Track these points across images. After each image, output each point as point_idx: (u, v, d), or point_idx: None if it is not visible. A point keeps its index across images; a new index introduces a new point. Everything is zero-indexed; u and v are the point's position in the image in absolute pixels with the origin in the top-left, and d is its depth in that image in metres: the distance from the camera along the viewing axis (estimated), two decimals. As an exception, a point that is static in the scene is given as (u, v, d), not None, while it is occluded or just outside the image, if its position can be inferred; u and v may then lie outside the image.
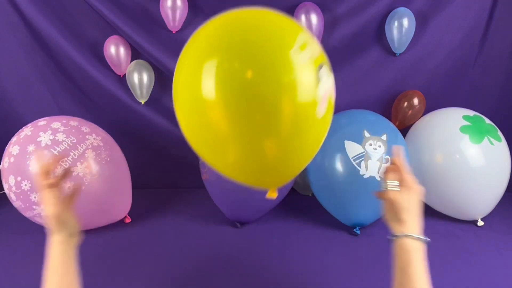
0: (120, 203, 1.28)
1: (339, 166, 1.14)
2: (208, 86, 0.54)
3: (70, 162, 1.11)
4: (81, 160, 1.13)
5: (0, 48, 1.49)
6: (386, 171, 0.69)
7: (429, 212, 1.31)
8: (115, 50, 1.47)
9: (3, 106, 1.55)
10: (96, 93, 1.55)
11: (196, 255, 1.10)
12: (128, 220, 1.31)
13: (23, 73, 1.51)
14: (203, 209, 1.41)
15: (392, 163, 0.71)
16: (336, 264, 1.04)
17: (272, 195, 0.69)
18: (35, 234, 1.24)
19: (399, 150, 0.71)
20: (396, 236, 0.64)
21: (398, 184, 0.67)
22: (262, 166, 0.63)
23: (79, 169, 1.11)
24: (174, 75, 0.61)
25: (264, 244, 1.16)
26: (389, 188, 0.67)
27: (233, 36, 0.57)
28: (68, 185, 0.65)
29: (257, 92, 0.54)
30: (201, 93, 0.54)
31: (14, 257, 1.12)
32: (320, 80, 0.55)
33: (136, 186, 1.38)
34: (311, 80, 0.55)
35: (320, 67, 0.56)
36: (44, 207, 0.67)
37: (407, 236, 0.63)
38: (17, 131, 1.22)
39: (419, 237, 0.64)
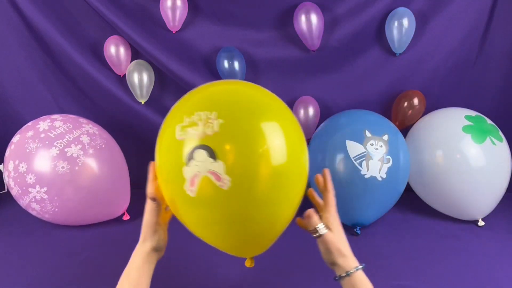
0: (119, 196, 1.29)
1: (340, 165, 1.14)
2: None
3: (64, 144, 1.15)
4: (75, 143, 1.17)
5: (0, 48, 1.49)
6: (309, 216, 0.67)
7: (430, 213, 1.31)
8: (115, 50, 1.46)
9: (3, 106, 1.55)
10: (96, 93, 1.54)
11: (195, 255, 1.10)
12: (126, 217, 1.31)
13: (23, 73, 1.51)
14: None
15: (325, 193, 0.71)
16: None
17: (249, 264, 0.75)
18: (35, 234, 1.24)
19: (327, 173, 0.73)
20: (348, 273, 0.65)
21: (324, 226, 0.67)
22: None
23: (73, 150, 1.16)
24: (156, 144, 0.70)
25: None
26: (321, 233, 0.66)
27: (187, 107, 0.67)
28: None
29: None
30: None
31: (14, 257, 1.12)
32: (188, 162, 0.60)
33: (136, 186, 1.38)
34: (177, 158, 0.62)
35: (195, 149, 0.60)
36: (144, 215, 0.70)
37: (357, 269, 0.65)
38: (17, 131, 1.23)
39: (363, 266, 0.67)
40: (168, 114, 0.71)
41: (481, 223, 1.22)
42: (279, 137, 0.64)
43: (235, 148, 0.60)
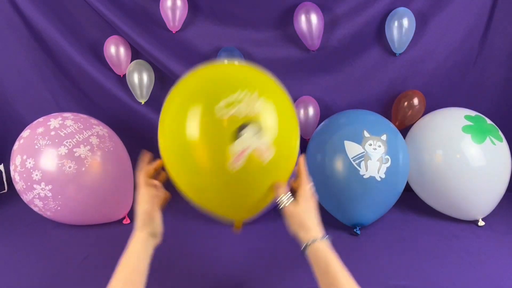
0: (122, 199, 1.29)
1: (339, 166, 1.14)
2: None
3: (74, 144, 1.15)
4: (85, 143, 1.17)
5: (0, 48, 1.49)
6: (276, 188, 0.72)
7: (430, 213, 1.31)
8: (115, 50, 1.47)
9: (3, 106, 1.56)
10: (96, 93, 1.55)
11: (195, 255, 1.10)
12: (127, 221, 1.31)
13: (23, 73, 1.52)
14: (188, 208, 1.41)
15: (296, 173, 0.77)
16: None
17: (237, 228, 0.81)
18: (35, 234, 1.24)
19: (302, 159, 0.78)
20: (307, 244, 0.68)
21: (290, 195, 0.72)
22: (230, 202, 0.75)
23: (81, 151, 1.16)
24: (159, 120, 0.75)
25: (264, 244, 1.16)
26: (286, 204, 0.71)
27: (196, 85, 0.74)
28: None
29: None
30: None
31: (14, 257, 1.12)
32: (237, 138, 0.65)
33: (136, 186, 1.38)
34: (222, 135, 0.65)
35: (244, 126, 0.65)
36: (137, 203, 0.73)
37: (315, 240, 0.68)
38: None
39: (325, 238, 0.70)
40: (171, 97, 0.78)
41: (481, 223, 1.22)
42: (295, 119, 0.76)
43: (277, 124, 0.68)
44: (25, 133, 1.19)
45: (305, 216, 0.71)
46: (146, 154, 0.74)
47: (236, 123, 0.65)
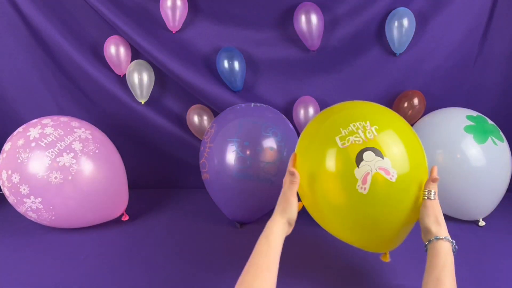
0: (116, 198, 1.28)
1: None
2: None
3: (56, 153, 1.13)
4: (67, 151, 1.15)
5: (0, 48, 1.49)
6: (433, 181, 0.79)
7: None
8: (115, 50, 1.47)
9: (3, 106, 1.56)
10: (96, 93, 1.55)
11: (195, 255, 1.10)
12: (125, 218, 1.30)
13: (23, 73, 1.51)
14: (203, 209, 1.41)
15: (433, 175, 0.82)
16: (336, 264, 1.03)
17: (385, 259, 0.89)
18: (34, 236, 1.24)
19: (435, 169, 0.83)
20: (437, 238, 0.74)
21: (434, 193, 0.79)
22: (369, 236, 0.83)
23: (65, 160, 1.13)
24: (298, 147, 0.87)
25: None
26: (431, 198, 0.79)
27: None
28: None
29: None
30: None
31: (13, 258, 1.12)
32: (358, 164, 0.74)
33: (136, 186, 1.38)
34: (346, 161, 0.76)
35: (363, 151, 0.75)
36: (286, 193, 0.80)
37: (447, 239, 0.74)
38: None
39: (453, 242, 0.75)
40: (307, 130, 0.88)
41: (481, 223, 1.22)
42: (415, 138, 0.87)
43: (394, 146, 0.77)
44: (7, 146, 1.17)
45: (439, 213, 0.78)
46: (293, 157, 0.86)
47: (356, 150, 0.75)
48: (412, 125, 1.39)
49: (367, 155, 0.74)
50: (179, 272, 1.01)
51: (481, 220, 1.23)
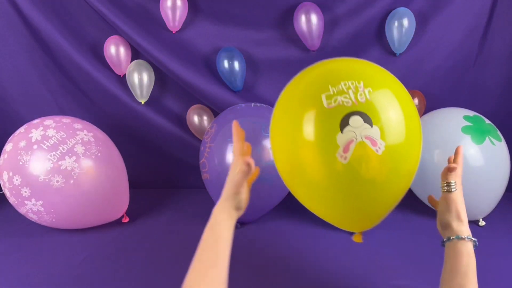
0: (117, 200, 1.28)
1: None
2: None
3: (58, 156, 1.12)
4: (70, 154, 1.14)
5: (0, 48, 1.49)
6: (449, 171, 0.69)
7: (430, 213, 1.31)
8: (115, 50, 1.47)
9: (3, 106, 1.56)
10: (96, 93, 1.55)
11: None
12: (126, 220, 1.31)
13: (23, 73, 1.52)
14: (203, 209, 1.41)
15: (455, 161, 0.73)
16: (336, 264, 1.03)
17: (358, 239, 0.77)
18: (34, 236, 1.24)
19: (461, 149, 0.74)
20: (459, 237, 0.66)
21: (455, 184, 0.69)
22: (350, 210, 0.71)
23: (67, 163, 1.12)
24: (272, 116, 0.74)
25: (264, 244, 1.16)
26: (452, 190, 0.69)
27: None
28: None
29: None
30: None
31: (14, 258, 1.12)
32: (342, 129, 0.63)
33: (136, 186, 1.38)
34: (328, 124, 0.64)
35: (350, 115, 0.63)
36: (230, 172, 0.70)
37: (469, 238, 0.66)
38: (16, 131, 1.22)
39: (475, 241, 0.67)
40: (289, 85, 0.75)
41: (482, 223, 1.22)
42: (414, 108, 0.72)
43: (388, 115, 0.65)
44: (8, 146, 1.16)
45: (462, 207, 0.68)
46: (237, 124, 0.73)
47: (342, 112, 0.63)
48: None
49: (354, 120, 0.63)
50: (179, 272, 1.01)
51: (481, 220, 1.23)
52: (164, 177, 1.68)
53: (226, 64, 1.43)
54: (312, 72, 0.74)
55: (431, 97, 1.46)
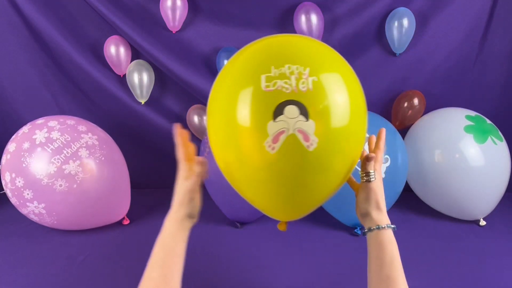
0: (119, 204, 1.28)
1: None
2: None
3: (62, 160, 1.11)
4: (74, 158, 1.13)
5: (0, 48, 1.49)
6: (368, 161, 0.67)
7: (429, 213, 1.31)
8: (115, 50, 1.47)
9: (3, 106, 1.56)
10: (96, 93, 1.55)
11: (195, 255, 1.10)
12: (126, 222, 1.31)
13: (23, 73, 1.51)
14: (203, 209, 1.40)
15: (376, 148, 0.70)
16: (336, 264, 1.03)
17: (282, 227, 0.74)
18: (34, 236, 1.24)
19: (383, 133, 0.72)
20: (380, 227, 0.64)
21: (374, 173, 0.67)
22: (284, 199, 0.66)
23: (71, 167, 1.11)
24: (209, 100, 0.67)
25: (264, 244, 1.16)
26: (371, 179, 0.66)
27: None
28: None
29: None
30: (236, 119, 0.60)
31: (14, 259, 1.12)
32: (275, 117, 0.57)
33: (136, 186, 1.38)
34: (259, 109, 0.58)
35: (286, 104, 0.57)
36: (177, 180, 0.66)
37: (389, 227, 0.64)
38: (16, 131, 1.23)
39: (394, 227, 0.65)
40: (235, 58, 0.69)
41: (482, 222, 1.22)
42: (361, 105, 0.65)
43: (328, 109, 0.58)
44: (11, 147, 1.14)
45: (381, 195, 0.67)
46: (179, 128, 0.69)
47: (279, 99, 0.57)
48: (411, 125, 1.39)
49: (290, 109, 0.57)
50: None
51: (481, 219, 1.23)
52: (164, 177, 1.67)
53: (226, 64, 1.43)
54: (257, 46, 0.68)
55: (431, 97, 1.46)
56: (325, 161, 0.61)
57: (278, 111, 0.57)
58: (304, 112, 0.57)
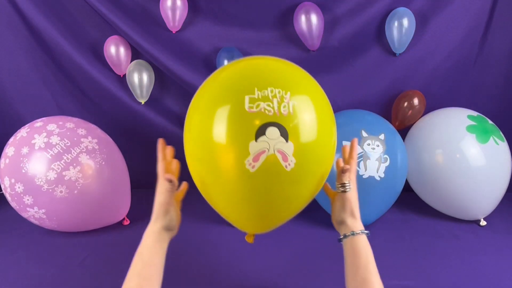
0: (119, 204, 1.28)
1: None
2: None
3: (62, 166, 1.10)
4: (74, 164, 1.12)
5: (0, 48, 1.49)
6: (343, 173, 0.71)
7: (429, 213, 1.31)
8: (115, 50, 1.47)
9: (2, 106, 1.55)
10: (96, 93, 1.55)
11: (195, 256, 1.10)
12: (126, 222, 1.31)
13: (23, 73, 1.51)
14: (203, 209, 1.41)
15: (349, 159, 0.74)
16: (336, 264, 1.03)
17: (249, 239, 0.77)
18: (34, 235, 1.24)
19: (355, 143, 0.76)
20: (354, 233, 0.68)
21: (349, 184, 0.71)
22: (258, 212, 0.70)
23: (71, 173, 1.10)
24: (186, 117, 0.71)
25: (264, 244, 1.16)
26: (347, 190, 0.71)
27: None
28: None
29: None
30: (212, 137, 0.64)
31: (13, 259, 1.12)
32: (257, 137, 0.61)
33: (136, 186, 1.38)
34: (243, 129, 0.62)
35: (268, 125, 0.62)
36: (156, 194, 0.69)
37: (363, 232, 0.68)
38: (16, 131, 1.22)
39: (368, 233, 0.70)
40: (215, 77, 0.72)
41: (483, 222, 1.22)
42: (330, 122, 0.70)
43: (305, 133, 0.64)
44: (10, 151, 1.12)
45: (355, 204, 0.71)
46: (163, 143, 0.74)
47: (261, 121, 0.61)
48: (412, 125, 1.39)
49: (271, 131, 0.61)
50: (180, 273, 1.01)
51: (482, 219, 1.23)
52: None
53: (226, 64, 1.43)
54: (238, 66, 0.72)
55: (431, 97, 1.46)
56: (301, 181, 0.66)
57: (260, 132, 0.61)
58: (284, 134, 0.62)
